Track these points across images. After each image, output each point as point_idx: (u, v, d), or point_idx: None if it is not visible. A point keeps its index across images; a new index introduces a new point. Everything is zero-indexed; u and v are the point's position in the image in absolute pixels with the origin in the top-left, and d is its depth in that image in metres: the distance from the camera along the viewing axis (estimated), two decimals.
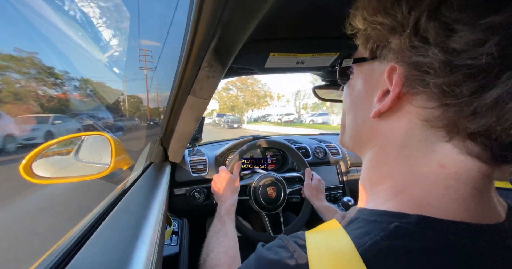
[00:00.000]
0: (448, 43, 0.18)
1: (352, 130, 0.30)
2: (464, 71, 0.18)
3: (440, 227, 0.20)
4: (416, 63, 0.20)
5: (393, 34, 0.21)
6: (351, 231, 0.23)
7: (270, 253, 0.26)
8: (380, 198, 0.25)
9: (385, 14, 0.22)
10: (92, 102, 11.21)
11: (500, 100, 0.17)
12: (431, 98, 0.21)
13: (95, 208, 0.49)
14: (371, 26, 0.23)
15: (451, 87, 0.18)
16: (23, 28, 12.50)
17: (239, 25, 0.35)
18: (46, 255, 0.33)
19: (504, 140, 0.18)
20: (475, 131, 0.19)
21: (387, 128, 0.25)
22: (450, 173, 0.21)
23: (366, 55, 0.26)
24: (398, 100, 0.23)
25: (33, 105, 8.49)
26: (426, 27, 0.19)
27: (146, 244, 0.36)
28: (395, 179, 0.25)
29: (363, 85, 0.28)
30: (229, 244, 0.60)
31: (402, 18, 0.20)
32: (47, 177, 0.56)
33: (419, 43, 0.20)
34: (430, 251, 0.19)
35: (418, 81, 0.21)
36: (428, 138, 0.22)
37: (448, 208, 0.21)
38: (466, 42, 0.17)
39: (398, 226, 0.20)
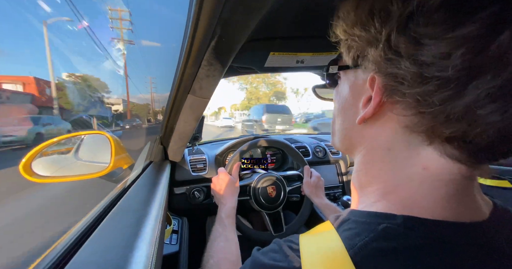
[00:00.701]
0: (418, 56, 0.19)
1: (341, 134, 0.31)
2: (434, 82, 0.19)
3: (425, 226, 0.21)
4: (391, 74, 0.21)
5: (370, 47, 0.23)
6: (342, 233, 0.24)
7: (265, 258, 0.26)
8: (369, 199, 0.26)
9: (362, 27, 0.23)
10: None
11: (469, 108, 0.18)
12: (408, 107, 0.22)
13: (95, 207, 0.49)
14: (350, 38, 0.25)
15: (424, 97, 0.20)
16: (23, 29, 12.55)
17: (239, 24, 0.35)
18: (45, 254, 0.33)
19: (480, 143, 0.19)
20: (451, 136, 0.20)
21: (373, 133, 0.26)
22: (433, 174, 0.22)
23: (349, 63, 0.27)
24: (381, 107, 0.24)
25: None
26: (397, 41, 0.20)
27: (146, 243, 0.36)
28: (383, 180, 0.26)
29: (349, 91, 0.29)
30: (230, 249, 0.59)
31: (376, 32, 0.22)
32: (47, 176, 0.56)
33: (392, 56, 0.21)
34: (416, 250, 0.20)
35: (395, 91, 0.22)
36: (411, 142, 0.23)
37: (433, 207, 0.22)
38: (433, 55, 0.18)
39: (387, 227, 0.21)
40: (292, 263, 0.24)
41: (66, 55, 13.12)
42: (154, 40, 39.60)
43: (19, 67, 26.67)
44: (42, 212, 1.42)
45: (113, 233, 0.39)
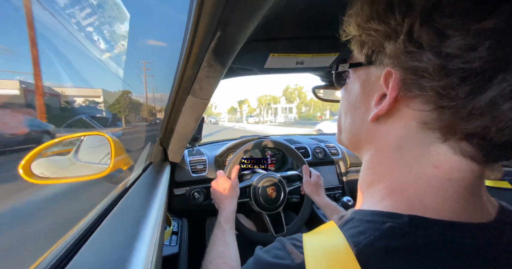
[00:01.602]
0: (441, 48, 0.19)
1: (350, 132, 0.31)
2: (458, 74, 0.18)
3: (431, 226, 0.21)
4: (411, 67, 0.21)
5: (388, 40, 0.22)
6: (346, 231, 0.24)
7: (268, 255, 0.26)
8: (375, 198, 0.26)
9: (379, 21, 0.22)
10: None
11: (494, 102, 0.18)
12: (427, 101, 0.21)
13: (94, 208, 0.49)
14: (366, 33, 0.24)
15: (447, 90, 0.19)
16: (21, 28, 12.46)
17: (239, 25, 0.35)
18: (46, 255, 0.33)
19: (498, 140, 0.19)
20: (471, 132, 0.19)
21: (384, 130, 0.26)
22: (443, 173, 0.22)
23: (362, 60, 0.26)
24: (395, 103, 0.23)
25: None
26: (419, 33, 0.20)
27: (146, 244, 0.36)
28: (390, 179, 0.25)
29: (360, 89, 0.28)
30: (229, 254, 0.59)
31: (396, 24, 0.21)
32: (47, 177, 0.56)
33: (413, 49, 0.20)
34: (421, 249, 0.20)
35: (415, 85, 0.21)
36: (424, 139, 0.22)
37: (439, 207, 0.22)
38: (459, 47, 0.18)
39: (392, 226, 0.21)
40: (296, 260, 0.23)
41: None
42: (154, 41, 39.53)
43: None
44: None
45: (113, 234, 0.39)
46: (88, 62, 14.73)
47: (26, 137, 2.77)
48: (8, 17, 8.57)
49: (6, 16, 9.39)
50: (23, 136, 2.76)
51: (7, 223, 1.20)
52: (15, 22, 8.55)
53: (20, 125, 2.81)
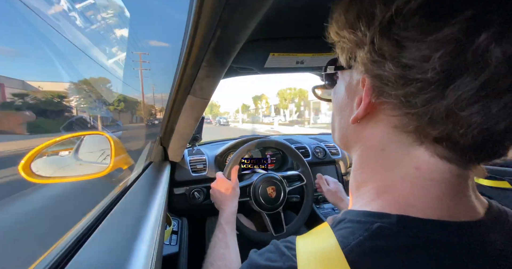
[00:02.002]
0: (400, 59, 0.20)
1: (339, 132, 0.32)
2: (416, 84, 0.19)
3: (418, 225, 0.21)
4: (378, 76, 0.22)
5: (358, 49, 0.23)
6: (337, 232, 0.24)
7: (261, 259, 0.27)
8: (365, 199, 0.27)
9: (350, 30, 0.23)
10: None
11: (451, 109, 0.18)
12: (395, 108, 0.22)
13: (95, 207, 0.49)
14: (341, 40, 0.25)
15: (407, 98, 0.20)
16: (21, 27, 12.37)
17: (239, 25, 0.35)
18: (45, 255, 0.33)
19: (465, 143, 0.20)
20: (438, 136, 0.20)
21: (367, 133, 0.27)
22: (424, 174, 0.22)
23: (344, 64, 0.28)
24: (372, 108, 0.24)
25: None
26: (380, 44, 0.21)
27: (146, 244, 0.36)
28: (377, 180, 0.26)
29: (345, 91, 0.29)
30: (230, 257, 0.59)
31: (362, 35, 0.22)
32: (46, 176, 0.56)
33: (378, 58, 0.21)
34: (409, 249, 0.20)
35: (382, 92, 0.22)
36: (403, 142, 0.23)
37: (426, 207, 0.22)
38: (414, 58, 0.19)
39: (381, 226, 0.22)
40: (288, 263, 0.24)
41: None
42: (154, 41, 39.39)
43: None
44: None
45: (113, 233, 0.39)
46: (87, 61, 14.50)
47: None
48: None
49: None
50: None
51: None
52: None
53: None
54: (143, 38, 39.14)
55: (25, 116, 6.52)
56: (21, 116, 6.24)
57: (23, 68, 25.62)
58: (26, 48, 12.80)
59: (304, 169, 1.00)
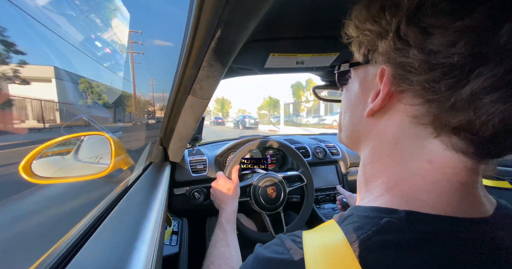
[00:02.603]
0: (425, 45, 0.20)
1: (349, 129, 0.32)
2: (440, 69, 0.20)
3: (427, 221, 0.21)
4: (400, 63, 0.22)
5: (380, 39, 0.24)
6: (345, 227, 0.24)
7: (267, 251, 0.27)
8: (373, 194, 0.27)
9: (373, 21, 0.24)
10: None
11: (475, 95, 0.19)
12: (415, 95, 0.22)
13: (95, 208, 0.49)
14: (362, 33, 0.26)
15: (431, 84, 0.20)
16: (21, 27, 12.29)
17: (239, 25, 0.35)
18: (46, 255, 0.33)
19: (484, 133, 0.20)
20: (458, 126, 0.20)
21: (381, 126, 0.27)
22: (437, 168, 0.22)
23: (360, 59, 0.28)
24: (389, 99, 0.25)
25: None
26: (406, 31, 0.21)
27: (146, 244, 0.36)
28: (387, 175, 0.26)
29: (359, 87, 0.29)
30: (231, 255, 0.59)
31: (386, 24, 0.23)
32: (47, 177, 0.56)
33: (401, 46, 0.22)
34: (418, 244, 0.20)
35: (403, 80, 0.23)
36: (418, 135, 0.23)
37: (435, 202, 0.22)
38: (440, 43, 0.19)
39: (389, 221, 0.22)
40: (294, 255, 0.24)
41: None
42: (154, 41, 39.42)
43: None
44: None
45: (113, 234, 0.39)
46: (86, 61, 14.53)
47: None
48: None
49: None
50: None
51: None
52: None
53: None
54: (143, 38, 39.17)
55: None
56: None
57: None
58: (26, 48, 12.84)
59: (304, 169, 1.00)
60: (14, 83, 7.13)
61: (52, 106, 7.93)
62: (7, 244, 0.87)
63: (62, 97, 9.22)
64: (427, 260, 0.19)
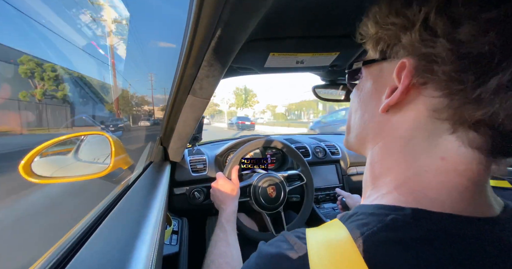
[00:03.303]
0: (454, 35, 0.20)
1: (359, 128, 0.31)
2: (469, 58, 0.19)
3: (433, 218, 0.21)
4: (425, 54, 0.22)
5: (405, 31, 0.23)
6: (349, 224, 0.24)
7: (271, 248, 0.27)
8: (380, 192, 0.27)
9: (396, 14, 0.24)
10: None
11: (502, 86, 0.18)
12: (438, 87, 0.22)
13: (95, 207, 0.49)
14: (383, 28, 0.25)
15: (458, 74, 0.20)
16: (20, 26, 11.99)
17: (239, 25, 0.35)
18: (46, 255, 0.33)
19: (506, 127, 0.19)
20: (479, 120, 0.20)
21: (394, 122, 0.26)
22: (449, 165, 0.22)
23: (376, 56, 0.28)
24: (407, 93, 0.24)
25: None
26: (435, 21, 0.21)
27: (146, 244, 0.36)
28: (397, 172, 0.26)
29: (372, 85, 0.29)
30: (231, 254, 0.59)
31: (413, 15, 0.23)
32: (47, 177, 0.56)
33: (428, 37, 0.21)
34: (423, 241, 0.20)
35: (427, 71, 0.22)
36: (434, 131, 0.23)
37: (444, 200, 0.22)
38: (470, 33, 0.19)
39: (395, 218, 0.22)
40: (299, 251, 0.24)
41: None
42: (154, 41, 39.41)
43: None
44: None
45: (113, 233, 0.39)
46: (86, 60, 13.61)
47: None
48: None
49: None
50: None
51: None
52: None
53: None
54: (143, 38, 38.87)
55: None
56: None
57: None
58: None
59: (304, 168, 1.00)
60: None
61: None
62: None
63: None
64: (432, 258, 0.19)
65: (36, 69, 8.28)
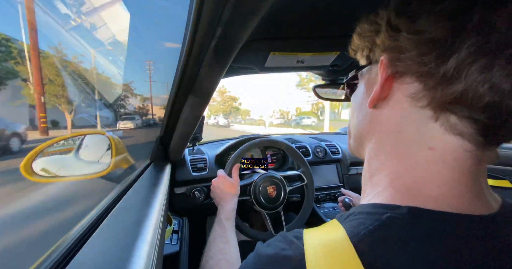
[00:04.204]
0: (413, 27, 0.23)
1: (355, 129, 0.33)
2: (427, 44, 0.22)
3: (430, 217, 0.21)
4: (393, 47, 0.25)
5: (377, 35, 0.27)
6: (346, 223, 0.24)
7: (269, 249, 0.27)
8: (377, 189, 0.27)
9: (370, 23, 0.28)
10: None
11: (461, 64, 0.20)
12: (409, 72, 0.24)
13: (95, 207, 0.49)
14: (364, 36, 0.29)
15: (420, 58, 0.23)
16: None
17: (239, 25, 0.35)
18: (46, 255, 0.33)
19: (476, 104, 0.21)
20: (452, 100, 0.21)
21: (384, 116, 0.27)
22: (438, 155, 0.23)
23: (364, 63, 0.31)
24: (390, 88, 0.26)
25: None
26: (396, 20, 0.25)
27: (147, 243, 0.36)
28: (391, 166, 0.26)
29: (364, 87, 0.31)
30: (229, 251, 0.60)
31: (380, 20, 0.26)
32: (48, 176, 0.56)
33: (394, 33, 0.25)
34: (420, 240, 0.20)
35: (397, 60, 0.25)
36: (419, 120, 0.24)
37: (438, 195, 0.22)
38: (424, 24, 0.22)
39: (391, 216, 0.22)
40: (296, 251, 0.24)
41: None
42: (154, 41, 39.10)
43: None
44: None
45: (114, 233, 0.39)
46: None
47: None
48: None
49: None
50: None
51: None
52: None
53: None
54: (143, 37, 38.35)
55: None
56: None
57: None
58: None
59: (305, 169, 1.00)
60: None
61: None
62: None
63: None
64: (428, 258, 0.19)
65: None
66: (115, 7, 1.76)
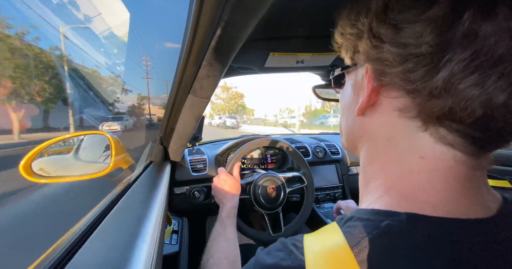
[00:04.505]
0: (397, 39, 0.22)
1: (346, 132, 0.32)
2: (412, 60, 0.21)
3: (428, 224, 0.21)
4: (378, 59, 0.23)
5: (359, 40, 0.25)
6: (345, 230, 0.24)
7: (269, 258, 0.27)
8: (373, 196, 0.27)
9: (351, 25, 0.26)
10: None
11: (448, 81, 0.19)
12: (396, 88, 0.23)
13: (95, 207, 0.49)
14: (346, 38, 0.28)
15: (406, 75, 0.21)
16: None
17: (239, 24, 0.35)
18: (45, 254, 0.33)
19: (466, 121, 0.20)
20: (440, 114, 0.21)
21: (373, 124, 0.27)
22: (429, 164, 0.22)
23: (349, 63, 0.29)
24: (376, 96, 0.25)
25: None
26: (377, 29, 0.23)
27: (146, 243, 0.36)
28: (385, 174, 0.26)
29: (351, 90, 0.30)
30: (230, 249, 0.59)
31: (362, 25, 0.25)
32: (47, 176, 0.56)
33: (376, 43, 0.23)
34: (419, 248, 0.20)
35: (383, 74, 0.23)
36: (408, 130, 0.23)
37: (434, 201, 0.22)
38: (409, 36, 0.21)
39: (389, 224, 0.21)
40: (296, 261, 0.24)
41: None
42: (154, 40, 38.97)
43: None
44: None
45: (113, 233, 0.39)
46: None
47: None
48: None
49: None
50: None
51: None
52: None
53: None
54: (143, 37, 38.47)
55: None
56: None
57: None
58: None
59: (305, 171, 1.00)
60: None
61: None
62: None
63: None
64: (428, 264, 0.19)
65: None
66: (115, 7, 1.76)
